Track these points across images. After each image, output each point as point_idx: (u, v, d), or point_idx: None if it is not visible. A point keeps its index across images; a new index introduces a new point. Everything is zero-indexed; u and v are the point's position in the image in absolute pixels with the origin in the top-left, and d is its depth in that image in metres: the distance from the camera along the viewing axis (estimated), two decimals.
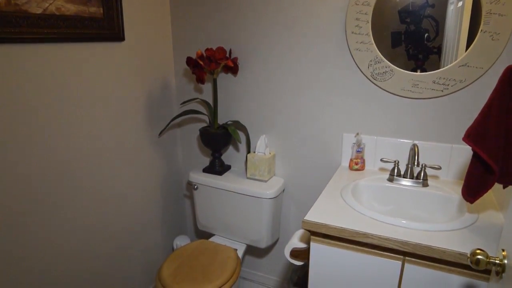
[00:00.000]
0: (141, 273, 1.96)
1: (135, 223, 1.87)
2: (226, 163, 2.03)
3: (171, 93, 2.01)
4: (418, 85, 1.44)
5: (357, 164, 1.59)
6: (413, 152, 1.37)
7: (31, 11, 1.23)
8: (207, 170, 1.92)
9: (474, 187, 1.05)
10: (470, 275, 1.00)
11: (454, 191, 1.34)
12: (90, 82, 1.50)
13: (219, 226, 1.91)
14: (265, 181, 1.80)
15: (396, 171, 1.44)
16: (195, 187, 1.90)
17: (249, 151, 1.85)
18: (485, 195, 1.33)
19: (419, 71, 1.44)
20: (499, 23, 1.26)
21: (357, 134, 1.58)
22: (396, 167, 1.44)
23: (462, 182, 1.46)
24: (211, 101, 1.96)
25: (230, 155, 2.01)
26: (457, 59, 1.36)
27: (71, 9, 1.37)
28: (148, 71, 1.81)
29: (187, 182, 2.23)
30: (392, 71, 1.47)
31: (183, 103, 2.04)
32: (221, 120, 1.96)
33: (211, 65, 1.68)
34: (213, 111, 1.83)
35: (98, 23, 1.48)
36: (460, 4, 1.32)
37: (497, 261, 0.79)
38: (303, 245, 1.36)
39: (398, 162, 1.45)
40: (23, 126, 1.28)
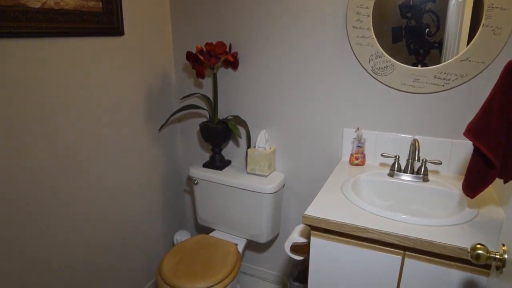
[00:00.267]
0: (142, 268, 1.97)
1: (135, 218, 1.87)
2: (226, 158, 2.03)
3: (171, 88, 2.00)
4: (419, 79, 1.43)
5: (358, 159, 1.59)
6: (414, 147, 1.37)
7: (30, 6, 1.22)
8: (207, 165, 1.92)
9: (474, 182, 1.05)
10: (470, 270, 1.00)
11: (454, 186, 1.34)
12: (89, 77, 1.50)
13: (219, 221, 1.92)
14: (265, 176, 1.80)
15: (396, 166, 1.44)
16: (195, 182, 1.90)
17: (249, 146, 1.85)
18: (485, 190, 1.33)
19: (420, 66, 1.43)
20: (501, 17, 1.25)
21: (358, 129, 1.58)
22: (396, 162, 1.44)
23: (462, 177, 1.46)
24: (211, 96, 1.95)
25: (230, 150, 2.01)
26: (458, 53, 1.36)
27: (70, 3, 1.36)
28: (147, 65, 1.80)
29: (187, 177, 2.23)
30: (393, 65, 1.46)
31: (183, 98, 2.03)
32: (221, 115, 1.95)
33: (211, 59, 1.68)
34: (213, 106, 1.82)
35: (97, 17, 1.47)
36: None
37: (497, 256, 0.79)
38: (303, 240, 1.37)
39: (398, 157, 1.45)
40: (22, 121, 1.27)
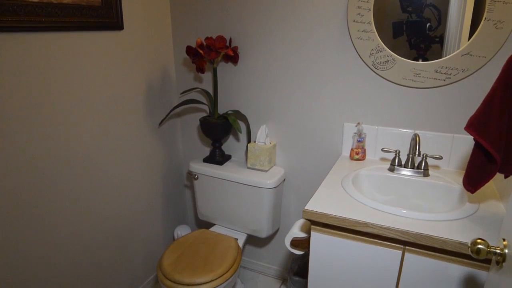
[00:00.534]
0: (142, 263, 1.97)
1: (135, 213, 1.87)
2: (226, 153, 2.03)
3: (171, 83, 2.00)
4: (420, 74, 1.43)
5: (358, 154, 1.58)
6: (414, 142, 1.37)
7: None
8: (207, 160, 1.92)
9: (475, 177, 1.05)
10: (470, 265, 1.00)
11: (455, 181, 1.34)
12: (88, 71, 1.49)
13: (219, 216, 1.92)
14: (266, 171, 1.80)
15: (397, 161, 1.44)
16: (196, 177, 1.90)
17: (249, 141, 1.85)
18: (486, 185, 1.33)
19: (421, 60, 1.42)
20: (503, 11, 1.25)
21: (358, 123, 1.58)
22: (397, 157, 1.44)
23: (463, 172, 1.46)
24: (211, 91, 1.95)
25: (230, 145, 2.01)
26: (459, 48, 1.35)
27: None
28: (147, 60, 1.80)
29: (188, 172, 2.23)
30: (394, 60, 1.45)
31: (183, 93, 2.03)
32: (221, 109, 1.95)
33: (211, 54, 1.67)
34: (213, 100, 1.82)
35: (96, 11, 1.46)
36: None
37: (498, 251, 0.79)
38: (304, 235, 1.37)
39: (399, 152, 1.45)
40: (21, 116, 1.27)
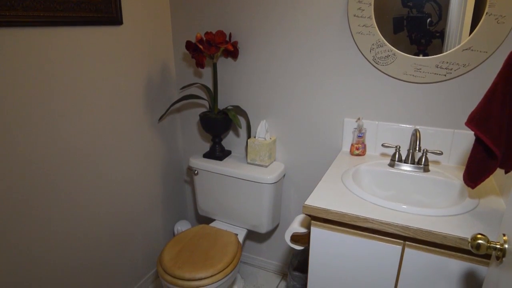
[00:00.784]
0: (143, 258, 1.98)
1: (135, 208, 1.87)
2: (226, 148, 2.03)
3: (170, 78, 1.99)
4: (420, 69, 1.42)
5: (358, 149, 1.58)
6: (415, 137, 1.36)
7: None
8: (207, 155, 1.92)
9: (475, 172, 1.05)
10: (470, 260, 1.00)
11: (455, 177, 1.33)
12: (87, 67, 1.48)
13: (219, 211, 1.92)
14: (266, 166, 1.79)
15: (397, 156, 1.44)
16: (196, 172, 1.90)
17: (249, 136, 1.85)
18: (486, 181, 1.33)
19: (422, 55, 1.41)
20: (505, 5, 1.24)
21: (359, 119, 1.57)
22: (397, 152, 1.44)
23: (463, 167, 1.46)
24: (211, 86, 1.94)
25: (230, 141, 2.01)
26: (460, 43, 1.34)
27: None
28: (147, 55, 1.79)
29: (188, 167, 2.23)
30: (394, 55, 1.45)
31: (183, 88, 2.02)
32: (221, 105, 1.94)
33: (210, 49, 1.66)
34: (213, 96, 1.81)
35: (95, 6, 1.45)
36: None
37: (498, 246, 0.79)
38: (304, 230, 1.37)
39: (399, 147, 1.44)
40: (20, 112, 1.26)
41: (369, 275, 1.17)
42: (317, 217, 1.20)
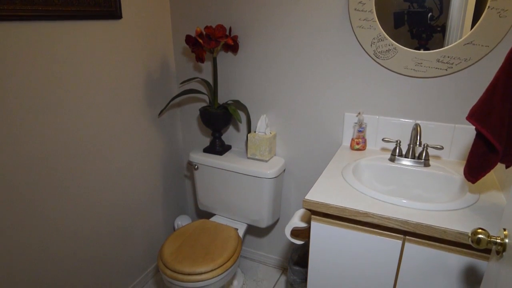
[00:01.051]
0: (143, 253, 1.98)
1: (136, 203, 1.87)
2: (226, 143, 2.02)
3: (170, 72, 1.98)
4: (421, 63, 1.41)
5: (359, 143, 1.58)
6: (415, 131, 1.36)
7: None
8: (207, 150, 1.91)
9: (476, 167, 1.04)
10: (470, 255, 1.00)
11: (455, 171, 1.33)
12: (87, 61, 1.48)
13: (219, 206, 1.92)
14: (266, 161, 1.79)
15: (397, 151, 1.43)
16: (196, 167, 1.89)
17: (249, 131, 1.84)
18: (486, 175, 1.32)
19: (423, 50, 1.41)
20: None
21: (359, 113, 1.57)
22: (397, 147, 1.44)
23: (464, 162, 1.45)
24: (211, 80, 1.93)
25: (230, 135, 2.00)
26: (462, 37, 1.33)
27: None
28: (146, 49, 1.78)
29: (188, 162, 2.23)
30: (395, 49, 1.44)
31: (183, 83, 2.01)
32: (221, 99, 1.94)
33: (210, 43, 1.65)
34: (213, 90, 1.80)
35: (94, 0, 1.44)
36: None
37: (498, 240, 0.79)
38: (304, 225, 1.37)
39: (400, 142, 1.44)
40: (19, 106, 1.26)
41: (369, 269, 1.17)
42: (317, 212, 1.20)
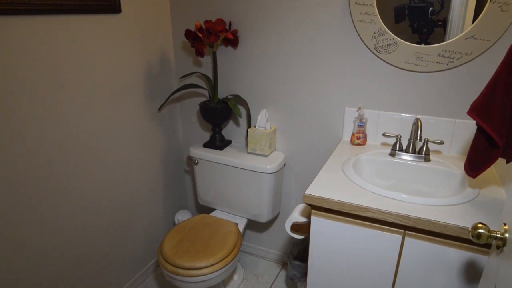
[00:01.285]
0: (143, 248, 1.99)
1: (136, 198, 1.87)
2: (226, 138, 2.02)
3: (170, 67, 1.97)
4: (422, 58, 1.41)
5: (359, 138, 1.58)
6: (416, 126, 1.35)
7: None
8: (207, 145, 1.91)
9: (477, 162, 1.04)
10: (470, 249, 1.01)
11: (456, 166, 1.33)
12: (85, 55, 1.47)
13: (220, 201, 1.92)
14: (266, 156, 1.79)
15: (398, 145, 1.43)
16: (196, 162, 1.89)
17: (249, 126, 1.84)
18: (487, 170, 1.32)
19: (423, 44, 1.40)
20: None
21: (360, 108, 1.56)
22: (398, 142, 1.43)
23: (464, 157, 1.45)
24: (211, 75, 1.92)
25: (230, 130, 2.00)
26: (463, 31, 1.32)
27: None
28: (146, 44, 1.77)
29: (188, 157, 2.23)
30: (396, 43, 1.43)
31: (183, 77, 2.00)
32: (221, 94, 1.93)
33: (210, 37, 1.64)
34: (213, 85, 1.80)
35: None
36: None
37: (499, 235, 0.79)
38: (304, 219, 1.37)
39: (400, 136, 1.44)
40: (19, 101, 1.25)
41: (369, 264, 1.17)
42: (317, 207, 1.20)
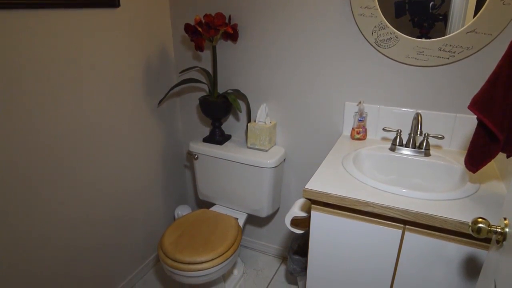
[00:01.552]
0: (143, 243, 1.99)
1: (136, 193, 1.87)
2: (226, 132, 2.02)
3: (169, 61, 1.96)
4: (423, 52, 1.40)
5: (359, 133, 1.57)
6: (416, 121, 1.35)
7: None
8: (207, 139, 1.91)
9: (477, 156, 1.04)
10: (470, 244, 1.01)
11: (456, 161, 1.33)
12: (84, 51, 1.46)
13: (219, 195, 1.92)
14: (266, 151, 1.79)
15: (398, 140, 1.43)
16: (196, 156, 1.89)
17: (249, 120, 1.84)
18: (487, 165, 1.32)
19: (424, 39, 1.39)
20: None
21: (360, 102, 1.56)
22: (398, 137, 1.43)
23: (465, 152, 1.45)
24: (210, 70, 1.92)
25: (230, 125, 1.99)
26: (464, 25, 1.32)
27: None
28: (145, 38, 1.76)
29: (187, 151, 2.22)
30: (397, 37, 1.42)
31: (182, 72, 2.00)
32: (221, 89, 1.92)
33: (210, 31, 1.63)
34: (213, 79, 1.79)
35: None
36: None
37: (499, 230, 0.79)
38: (304, 214, 1.37)
39: (400, 131, 1.43)
40: (17, 98, 1.25)
41: (369, 258, 1.17)
42: (317, 201, 1.20)
